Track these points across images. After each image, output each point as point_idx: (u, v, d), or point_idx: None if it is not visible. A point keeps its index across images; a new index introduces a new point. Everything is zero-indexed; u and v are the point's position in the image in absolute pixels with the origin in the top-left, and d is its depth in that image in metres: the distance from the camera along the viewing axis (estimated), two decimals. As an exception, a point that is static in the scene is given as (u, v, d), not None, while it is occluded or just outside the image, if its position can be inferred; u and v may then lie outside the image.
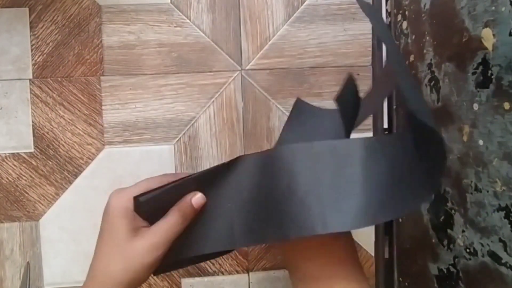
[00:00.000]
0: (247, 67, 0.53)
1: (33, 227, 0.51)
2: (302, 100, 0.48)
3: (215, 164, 0.36)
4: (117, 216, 0.31)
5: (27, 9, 0.50)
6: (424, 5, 0.45)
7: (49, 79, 0.51)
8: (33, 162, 0.51)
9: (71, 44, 0.51)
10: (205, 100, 0.53)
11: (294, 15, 0.53)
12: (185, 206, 0.32)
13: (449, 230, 0.41)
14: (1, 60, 0.50)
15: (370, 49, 0.54)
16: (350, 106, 0.34)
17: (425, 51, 0.45)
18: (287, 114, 0.54)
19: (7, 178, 0.51)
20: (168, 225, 0.31)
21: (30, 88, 0.51)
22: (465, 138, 0.38)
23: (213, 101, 0.53)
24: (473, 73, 0.36)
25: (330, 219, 0.26)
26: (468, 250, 0.38)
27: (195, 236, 0.33)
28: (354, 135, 0.55)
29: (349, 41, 0.54)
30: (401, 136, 0.33)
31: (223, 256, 0.54)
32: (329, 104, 0.54)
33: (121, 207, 0.31)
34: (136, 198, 0.33)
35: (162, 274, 0.53)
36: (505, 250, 0.33)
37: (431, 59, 0.43)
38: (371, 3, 0.54)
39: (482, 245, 0.36)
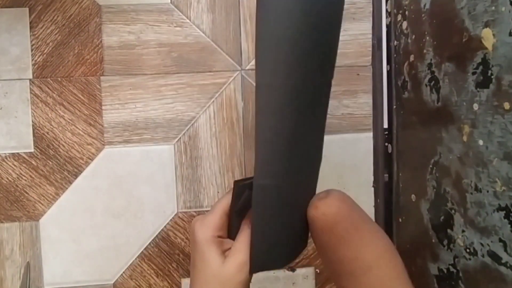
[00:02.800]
0: (247, 67, 0.53)
1: (33, 227, 0.51)
2: None
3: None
4: (206, 245, 0.33)
5: (27, 9, 0.50)
6: (424, 5, 0.45)
7: (49, 79, 0.51)
8: (33, 162, 0.51)
9: (71, 44, 0.51)
10: (205, 100, 0.53)
11: (294, 15, 0.53)
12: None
13: (449, 230, 0.41)
14: (1, 60, 0.50)
15: (370, 49, 0.54)
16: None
17: (425, 51, 0.45)
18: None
19: (7, 178, 0.51)
20: (247, 241, 0.33)
21: (30, 88, 0.51)
22: (465, 138, 0.38)
23: (213, 101, 0.53)
24: (473, 73, 0.36)
25: None
26: (468, 250, 0.38)
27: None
28: (357, 135, 0.55)
29: (349, 41, 0.54)
30: None
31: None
32: (329, 104, 0.54)
33: (208, 236, 0.33)
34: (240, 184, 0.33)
35: (162, 274, 0.53)
36: (505, 250, 0.33)
37: (431, 59, 0.43)
38: (371, 4, 0.54)
39: (482, 245, 0.36)
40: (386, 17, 0.55)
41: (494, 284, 0.35)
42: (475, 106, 0.36)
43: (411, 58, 0.48)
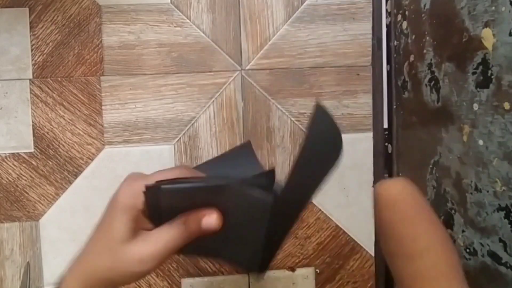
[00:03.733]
0: (247, 67, 0.53)
1: (33, 227, 0.51)
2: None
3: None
4: (120, 210, 0.27)
5: (27, 9, 0.50)
6: (424, 5, 0.45)
7: (49, 79, 0.51)
8: (33, 162, 0.51)
9: (71, 44, 0.51)
10: (205, 100, 0.53)
11: (294, 15, 0.53)
12: (194, 223, 0.27)
13: (449, 230, 0.41)
14: (1, 60, 0.50)
15: (370, 49, 0.54)
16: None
17: (425, 51, 0.45)
18: (287, 114, 0.54)
19: (7, 178, 0.51)
20: (169, 237, 0.27)
21: (30, 88, 0.51)
22: (465, 138, 0.38)
23: (213, 101, 0.53)
24: (473, 73, 0.36)
25: None
26: (468, 250, 0.38)
27: (214, 243, 0.30)
28: (357, 135, 0.55)
29: (349, 41, 0.54)
30: None
31: (223, 256, 0.54)
32: (329, 104, 0.54)
33: (127, 201, 0.27)
34: (155, 186, 0.27)
35: (162, 274, 0.53)
36: (505, 250, 0.33)
37: (431, 59, 0.43)
38: (371, 4, 0.54)
39: (482, 245, 0.36)
40: (386, 17, 0.55)
41: (494, 284, 0.35)
42: (475, 106, 0.36)
43: (411, 58, 0.48)
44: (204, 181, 0.29)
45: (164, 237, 0.27)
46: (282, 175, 0.31)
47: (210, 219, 0.27)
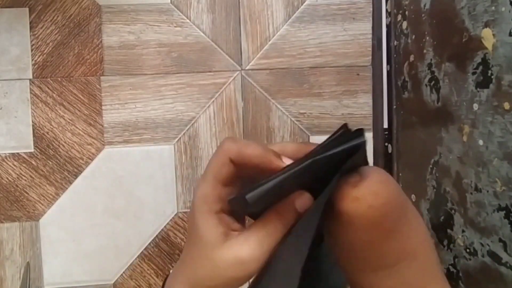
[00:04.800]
0: (247, 67, 0.53)
1: (33, 227, 0.51)
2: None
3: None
4: (201, 217, 0.25)
5: (27, 9, 0.50)
6: (424, 5, 0.45)
7: (49, 79, 0.51)
8: (33, 162, 0.51)
9: (71, 44, 0.51)
10: (205, 100, 0.53)
11: (294, 15, 0.53)
12: (288, 212, 0.25)
13: (449, 230, 0.41)
14: (1, 60, 0.50)
15: (370, 49, 0.54)
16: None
17: (425, 51, 0.45)
18: (287, 114, 0.54)
19: (7, 178, 0.51)
20: (265, 233, 0.25)
21: (30, 88, 0.51)
22: (465, 138, 0.38)
23: (213, 101, 0.53)
24: (473, 73, 0.36)
25: None
26: (468, 250, 0.38)
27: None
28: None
29: (349, 41, 0.54)
30: None
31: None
32: (329, 104, 0.54)
33: (204, 208, 0.25)
34: (238, 197, 0.24)
35: (162, 274, 0.53)
36: (505, 250, 0.33)
37: (431, 59, 0.43)
38: (371, 4, 0.54)
39: (482, 245, 0.36)
40: (386, 17, 0.55)
41: (494, 284, 0.35)
42: (475, 106, 0.36)
43: (411, 58, 0.48)
44: (287, 170, 0.25)
45: (259, 234, 0.25)
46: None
47: (303, 199, 0.25)
